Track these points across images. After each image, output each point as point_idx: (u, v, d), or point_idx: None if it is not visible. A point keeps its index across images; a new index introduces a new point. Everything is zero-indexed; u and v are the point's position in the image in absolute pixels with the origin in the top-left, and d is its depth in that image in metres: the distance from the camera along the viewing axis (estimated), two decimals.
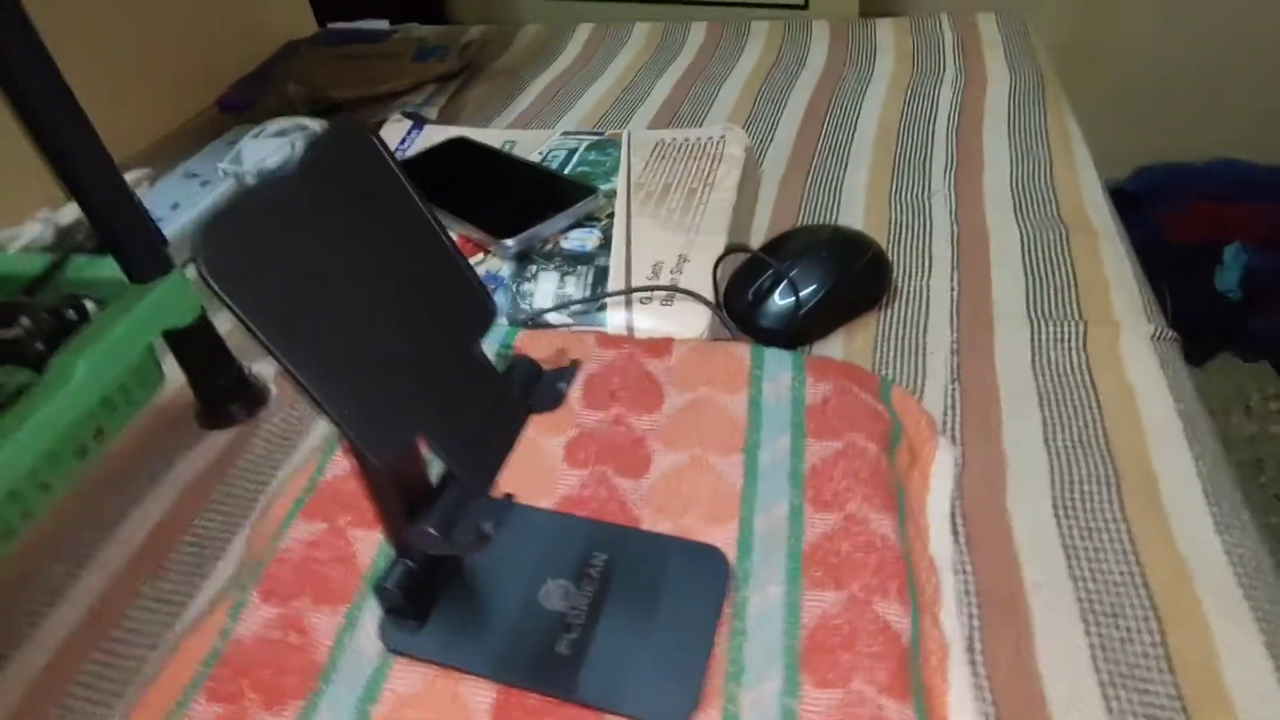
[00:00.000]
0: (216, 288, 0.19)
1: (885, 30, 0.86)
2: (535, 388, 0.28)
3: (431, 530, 0.25)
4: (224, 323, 0.49)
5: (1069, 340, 0.47)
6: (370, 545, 0.37)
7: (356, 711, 0.31)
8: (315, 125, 0.70)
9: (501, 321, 0.50)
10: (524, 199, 0.58)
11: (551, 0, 1.54)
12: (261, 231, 0.21)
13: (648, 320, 0.49)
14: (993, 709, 0.32)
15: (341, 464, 0.40)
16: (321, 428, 0.48)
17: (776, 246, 0.51)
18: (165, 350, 0.47)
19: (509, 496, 0.26)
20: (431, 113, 0.79)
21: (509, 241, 0.53)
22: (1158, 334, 0.47)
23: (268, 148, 0.69)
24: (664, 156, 0.63)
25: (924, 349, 0.48)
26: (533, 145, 0.67)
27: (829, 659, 0.30)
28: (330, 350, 0.22)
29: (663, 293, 0.50)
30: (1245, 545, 0.36)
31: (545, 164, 0.64)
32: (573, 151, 0.65)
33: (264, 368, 0.54)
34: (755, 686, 0.30)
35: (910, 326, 0.49)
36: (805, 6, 1.39)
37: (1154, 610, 0.34)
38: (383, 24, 1.01)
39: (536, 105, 0.81)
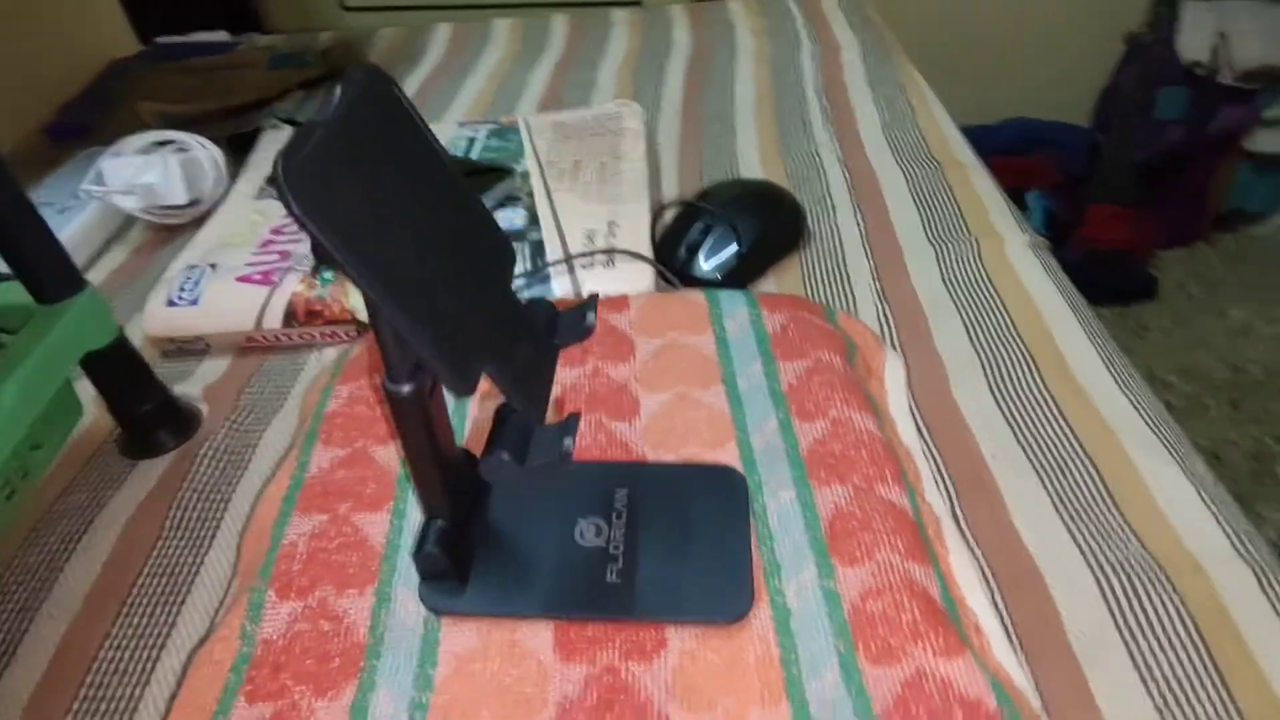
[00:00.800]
0: (313, 225, 0.19)
1: (736, 10, 0.92)
2: (558, 323, 0.29)
3: (507, 456, 0.25)
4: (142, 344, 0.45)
5: (967, 255, 0.53)
6: (379, 528, 0.36)
7: (417, 676, 0.30)
8: (186, 139, 0.66)
9: None
10: None
11: (352, 11, 1.58)
12: (330, 172, 0.21)
13: (594, 284, 0.50)
14: (984, 562, 0.36)
15: (325, 457, 0.39)
16: (278, 436, 0.46)
17: (702, 201, 0.55)
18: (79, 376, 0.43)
19: (576, 414, 0.27)
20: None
21: None
22: (1032, 241, 0.54)
23: (132, 166, 0.64)
24: (567, 136, 0.65)
25: (848, 279, 0.52)
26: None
27: (852, 541, 0.33)
28: (410, 285, 0.22)
29: (604, 256, 0.52)
30: (1143, 398, 0.43)
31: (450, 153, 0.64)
32: (473, 140, 0.65)
33: (189, 388, 0.51)
34: (795, 578, 0.33)
35: (830, 261, 0.54)
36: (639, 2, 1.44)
37: (1090, 460, 0.40)
38: (222, 35, 0.95)
39: (416, 102, 0.80)
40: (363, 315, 0.51)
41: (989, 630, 0.33)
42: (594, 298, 0.30)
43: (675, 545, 0.33)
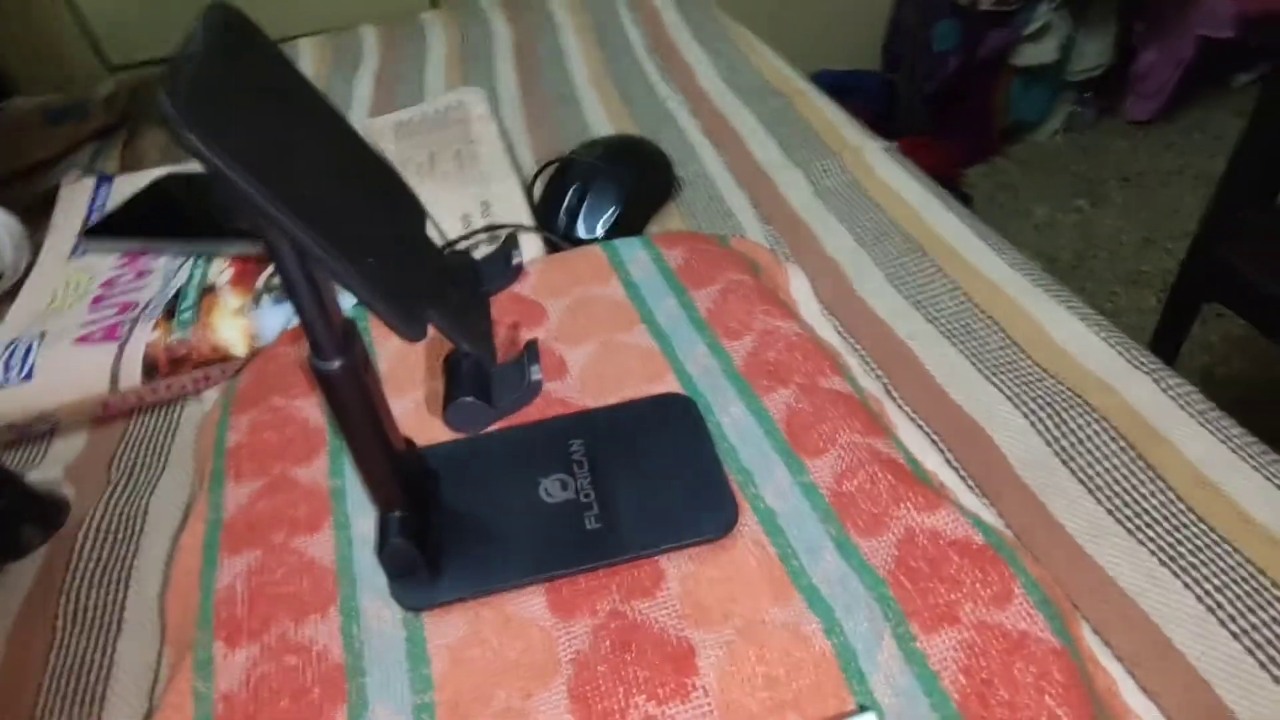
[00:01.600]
0: (218, 158, 0.17)
1: None
2: (483, 272, 0.28)
3: (472, 399, 0.23)
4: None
5: (833, 169, 0.55)
6: (324, 547, 0.33)
7: (412, 680, 0.28)
8: None
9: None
10: None
11: (118, 70, 1.45)
12: (218, 101, 0.18)
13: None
14: (927, 428, 0.38)
15: (241, 492, 0.35)
16: (169, 496, 0.41)
17: (571, 163, 0.54)
18: None
19: (533, 341, 0.25)
20: (109, 168, 0.69)
21: None
22: (886, 147, 0.57)
23: None
24: (412, 133, 0.62)
25: (728, 211, 0.53)
26: None
27: (812, 434, 0.34)
28: (334, 226, 0.20)
29: (485, 235, 0.50)
30: (1018, 258, 0.46)
31: None
32: None
33: (47, 472, 0.44)
34: (769, 481, 0.33)
35: (707, 199, 0.55)
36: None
37: (992, 318, 0.42)
38: None
39: None
40: (237, 350, 0.46)
41: (950, 484, 0.34)
42: (512, 235, 0.29)
43: (646, 478, 0.33)
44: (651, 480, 0.32)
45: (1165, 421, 0.36)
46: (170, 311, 0.48)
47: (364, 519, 0.33)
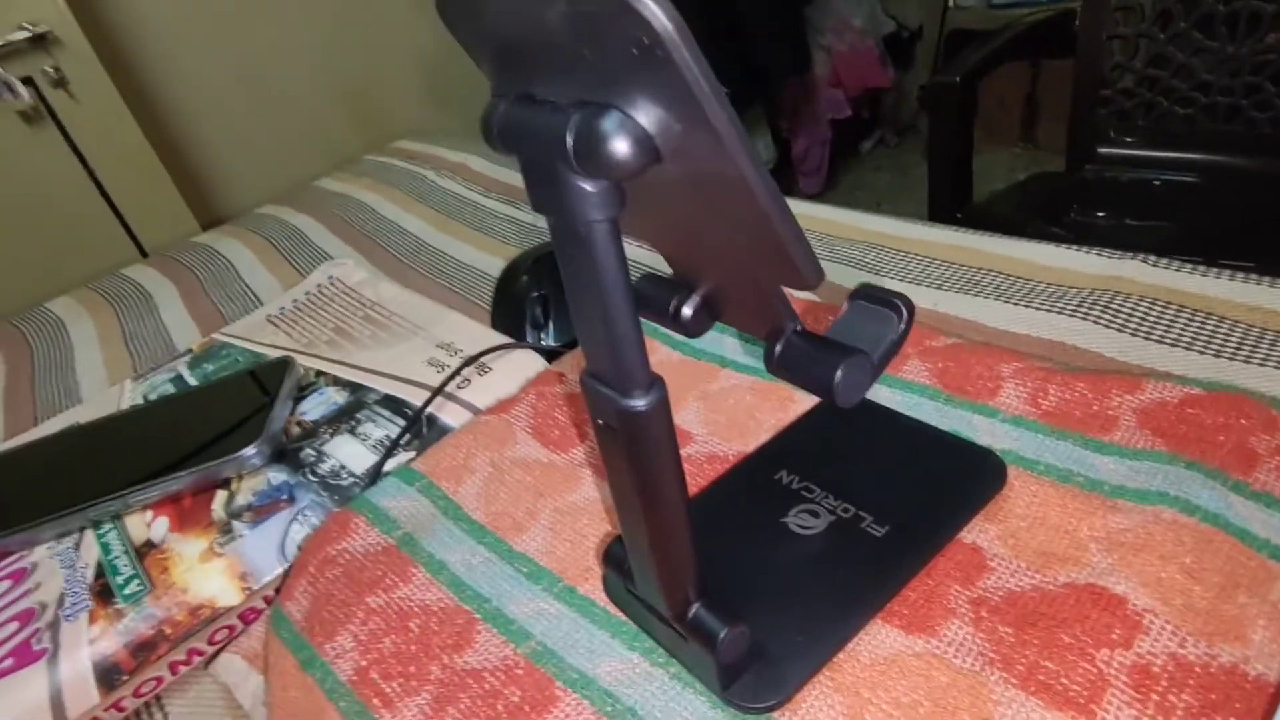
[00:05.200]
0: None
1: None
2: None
3: (858, 355, 0.19)
4: None
5: None
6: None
7: None
8: None
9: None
10: (208, 422, 0.43)
11: None
12: None
13: (486, 396, 0.42)
14: None
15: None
16: None
17: (516, 278, 0.50)
18: None
19: (869, 287, 0.22)
20: None
21: (250, 449, 0.39)
22: None
23: None
24: (295, 320, 0.54)
25: None
26: (105, 409, 0.49)
27: (964, 379, 0.33)
28: None
29: (471, 368, 0.44)
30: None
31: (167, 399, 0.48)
32: (177, 375, 0.50)
33: None
34: (972, 432, 0.31)
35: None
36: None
37: None
38: None
39: (24, 404, 0.58)
40: (228, 598, 0.35)
41: None
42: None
43: (884, 473, 0.30)
44: (892, 470, 0.30)
45: None
46: (103, 596, 0.35)
47: (607, 660, 0.26)
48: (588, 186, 0.17)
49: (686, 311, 0.23)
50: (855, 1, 2.09)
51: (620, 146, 0.15)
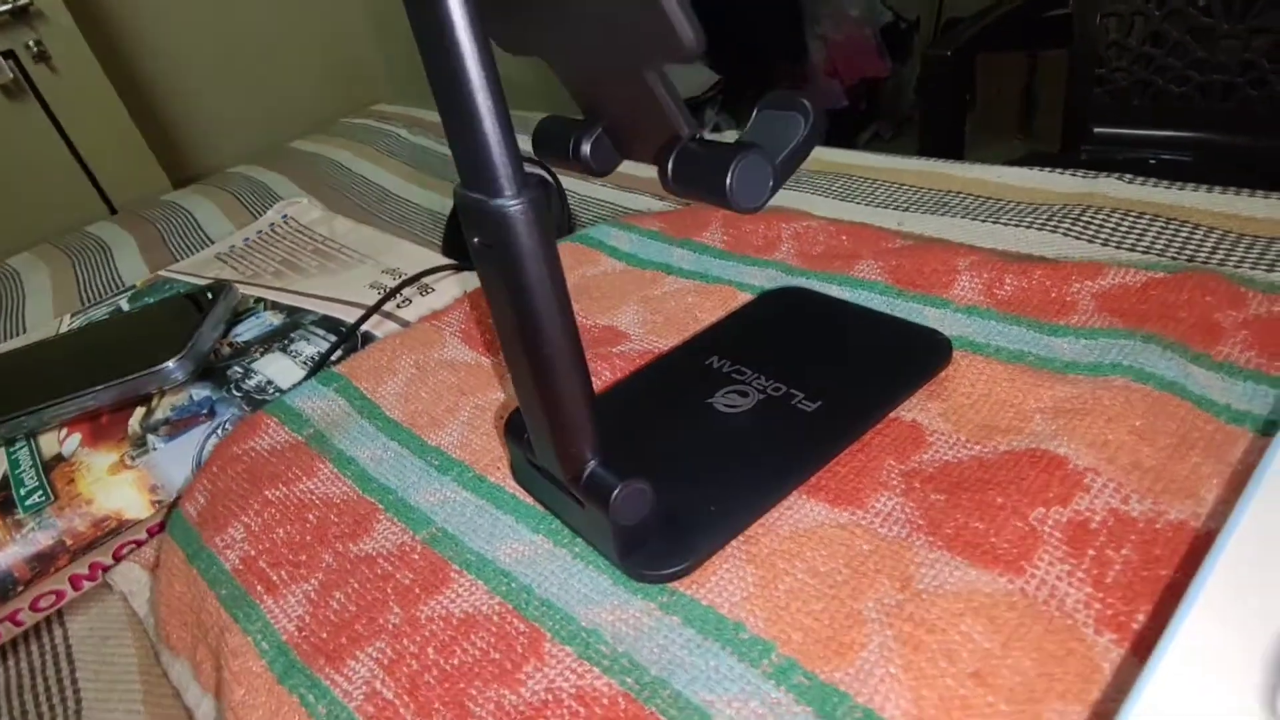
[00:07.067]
0: None
1: None
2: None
3: (755, 151, 0.17)
4: None
5: None
6: (479, 600, 0.22)
7: (739, 653, 0.19)
8: None
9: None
10: (135, 344, 0.41)
11: None
12: None
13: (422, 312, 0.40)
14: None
15: (289, 607, 0.23)
16: None
17: None
18: None
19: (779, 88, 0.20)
20: None
21: (171, 363, 0.37)
22: None
23: None
24: (244, 256, 0.52)
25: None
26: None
27: (916, 273, 0.31)
28: None
29: (412, 289, 0.42)
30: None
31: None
32: (118, 308, 0.49)
33: None
34: (924, 321, 0.29)
35: (600, 210, 0.52)
36: None
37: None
38: None
39: None
40: (135, 510, 0.33)
41: None
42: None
43: (820, 353, 0.27)
44: (829, 351, 0.27)
45: None
46: (4, 508, 0.33)
47: (508, 542, 0.24)
48: None
49: (585, 148, 0.21)
50: None
51: None
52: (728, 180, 0.17)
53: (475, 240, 0.19)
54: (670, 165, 0.19)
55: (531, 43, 0.20)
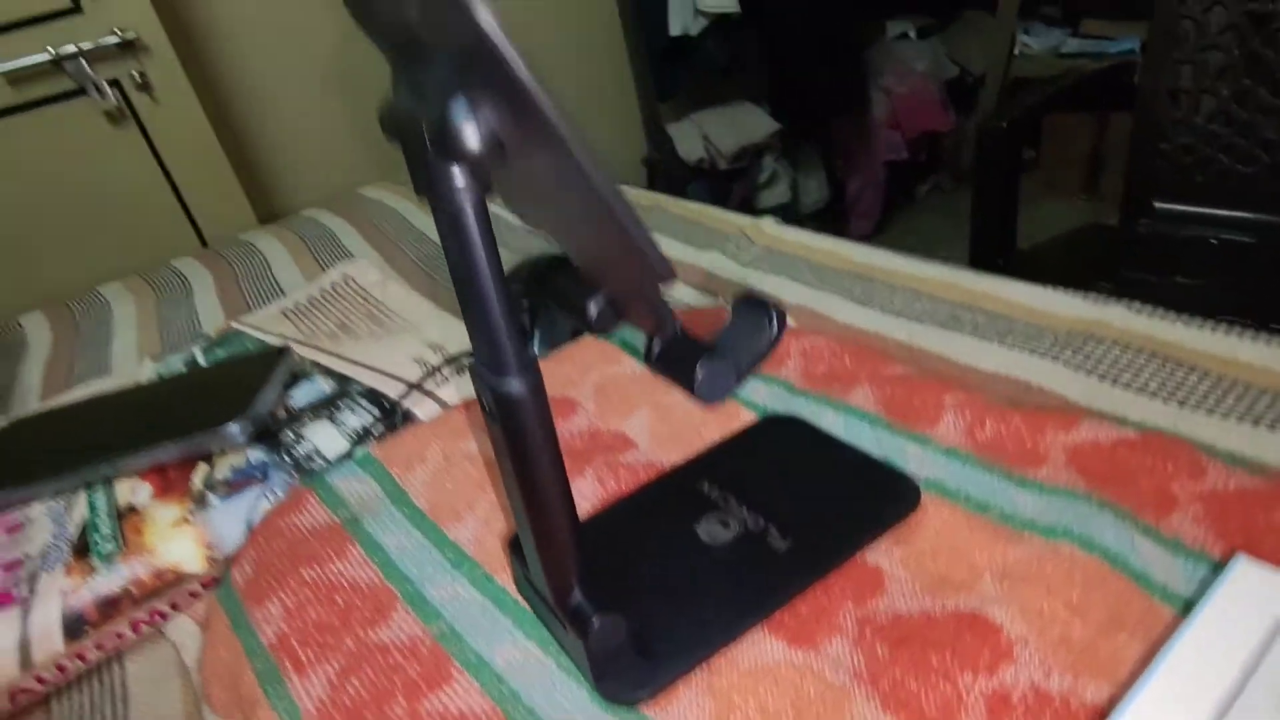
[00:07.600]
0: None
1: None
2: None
3: (716, 360, 0.20)
4: None
5: (744, 244, 0.59)
6: (473, 698, 0.26)
7: None
8: None
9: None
10: (204, 400, 0.46)
11: None
12: None
13: (459, 395, 0.44)
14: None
15: (312, 686, 0.27)
16: None
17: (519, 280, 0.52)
18: None
19: (750, 296, 0.23)
20: None
21: (233, 425, 0.42)
22: (777, 219, 0.62)
23: None
24: (305, 314, 0.57)
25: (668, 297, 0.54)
26: (124, 382, 0.52)
27: (912, 408, 0.33)
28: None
29: (450, 367, 0.46)
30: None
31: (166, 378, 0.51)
32: (193, 357, 0.54)
33: None
34: (906, 461, 0.31)
35: None
36: None
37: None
38: None
39: (62, 377, 0.63)
40: (191, 565, 0.37)
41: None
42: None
43: (802, 490, 0.30)
44: (809, 488, 0.30)
45: None
46: (81, 552, 0.38)
47: (505, 645, 0.27)
48: (450, 169, 0.18)
49: (592, 309, 0.25)
50: (919, 47, 2.09)
51: (467, 130, 0.17)
52: (696, 379, 0.20)
53: (483, 406, 0.22)
54: (656, 351, 0.22)
55: (549, 232, 0.24)
